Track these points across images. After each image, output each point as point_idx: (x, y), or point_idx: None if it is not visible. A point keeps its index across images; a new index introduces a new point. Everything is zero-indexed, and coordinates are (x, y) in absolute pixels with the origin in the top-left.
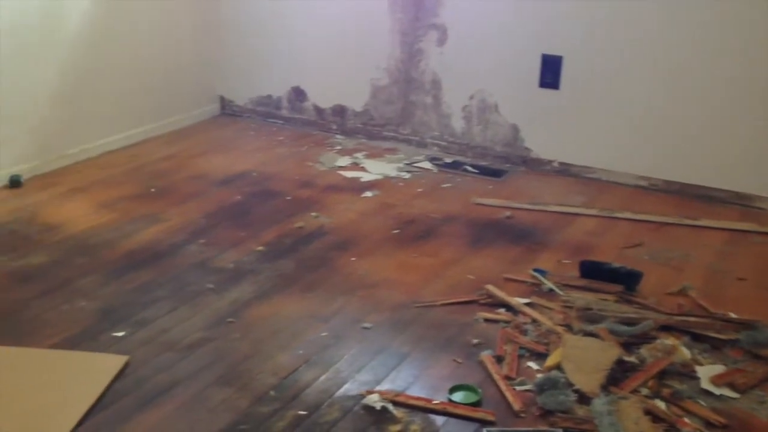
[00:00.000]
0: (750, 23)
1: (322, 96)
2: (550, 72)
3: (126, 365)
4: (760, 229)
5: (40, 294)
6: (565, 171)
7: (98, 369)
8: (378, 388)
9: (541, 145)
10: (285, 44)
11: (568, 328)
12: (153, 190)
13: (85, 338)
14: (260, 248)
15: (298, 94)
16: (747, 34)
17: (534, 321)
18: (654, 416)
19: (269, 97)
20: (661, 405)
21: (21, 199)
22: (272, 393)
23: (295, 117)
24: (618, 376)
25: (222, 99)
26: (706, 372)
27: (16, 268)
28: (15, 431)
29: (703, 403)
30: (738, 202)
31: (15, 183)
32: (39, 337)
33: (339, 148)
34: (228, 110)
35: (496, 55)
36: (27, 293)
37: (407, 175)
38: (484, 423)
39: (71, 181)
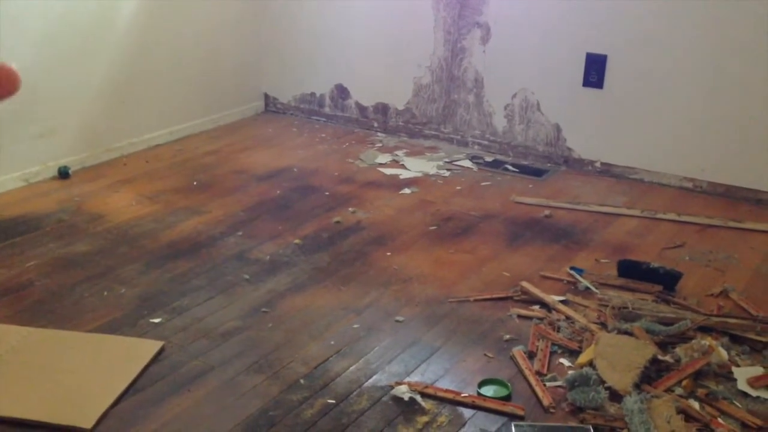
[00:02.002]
0: None
1: (364, 94)
2: (595, 71)
3: (161, 350)
4: None
5: (83, 280)
6: (607, 171)
7: (134, 353)
8: (407, 379)
9: (583, 144)
10: (329, 42)
11: (603, 326)
12: (195, 183)
13: (123, 324)
14: (297, 241)
15: (341, 91)
16: None
17: (568, 318)
18: (687, 416)
19: (312, 94)
20: (695, 405)
21: (69, 189)
22: (302, 381)
23: (337, 115)
24: (652, 375)
25: (266, 96)
26: (744, 373)
27: (61, 255)
28: (53, 409)
29: (738, 404)
30: None
31: (63, 174)
32: (80, 321)
33: (380, 145)
34: (272, 107)
35: (539, 53)
36: (71, 279)
37: (447, 173)
38: (513, 417)
39: (117, 174)
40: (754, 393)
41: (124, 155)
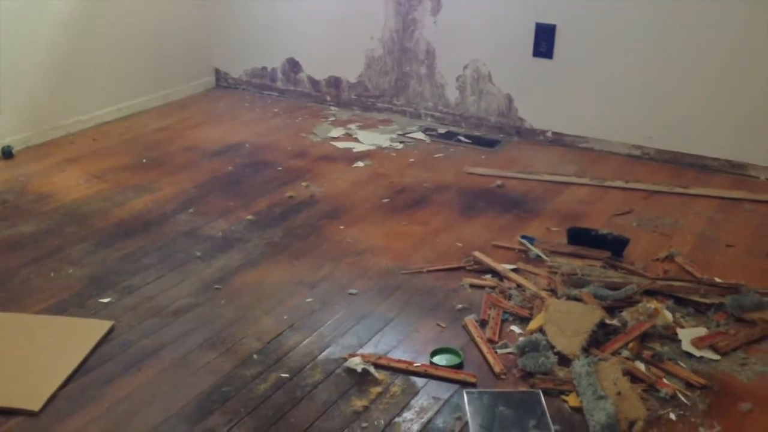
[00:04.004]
0: None
1: (316, 67)
2: (544, 41)
3: (111, 330)
4: (751, 197)
5: (29, 261)
6: (558, 141)
7: (83, 334)
8: (361, 351)
9: (534, 115)
10: (279, 15)
11: (553, 292)
12: (145, 160)
13: (71, 304)
14: (250, 217)
15: (292, 65)
16: (740, 3)
17: (519, 286)
18: (633, 377)
19: (264, 69)
20: (641, 366)
21: (13, 170)
22: (255, 356)
23: (290, 89)
24: (600, 338)
25: (217, 71)
26: (688, 335)
27: (6, 237)
28: (0, 392)
29: (683, 364)
30: (731, 170)
31: (7, 154)
32: (27, 303)
33: (333, 119)
34: (223, 82)
35: (489, 23)
36: (16, 261)
37: (400, 146)
38: (465, 384)
39: (64, 152)
40: (697, 353)
41: (70, 133)
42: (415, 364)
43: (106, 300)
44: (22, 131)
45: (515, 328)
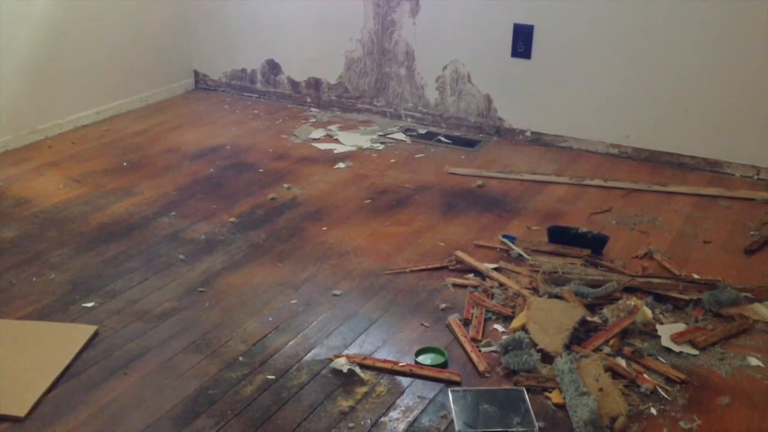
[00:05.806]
0: None
1: (296, 69)
2: (522, 41)
3: (95, 335)
4: (727, 194)
5: (10, 267)
6: (537, 140)
7: (67, 339)
8: (346, 352)
9: (513, 114)
10: (258, 17)
11: (535, 291)
12: (125, 164)
13: (54, 309)
14: (232, 220)
15: (272, 67)
16: (717, 4)
17: (501, 285)
18: (615, 373)
19: (243, 71)
20: (622, 362)
21: None
22: (241, 359)
23: (269, 91)
24: (581, 335)
25: (196, 73)
26: (667, 330)
27: None
28: None
29: (663, 360)
30: (707, 168)
31: None
32: (9, 308)
33: (313, 120)
34: (202, 85)
35: (468, 24)
36: None
37: (381, 147)
38: (450, 383)
39: (43, 156)
40: (677, 348)
41: (48, 137)
42: (400, 364)
43: (89, 304)
44: (0, 136)
45: (498, 327)
